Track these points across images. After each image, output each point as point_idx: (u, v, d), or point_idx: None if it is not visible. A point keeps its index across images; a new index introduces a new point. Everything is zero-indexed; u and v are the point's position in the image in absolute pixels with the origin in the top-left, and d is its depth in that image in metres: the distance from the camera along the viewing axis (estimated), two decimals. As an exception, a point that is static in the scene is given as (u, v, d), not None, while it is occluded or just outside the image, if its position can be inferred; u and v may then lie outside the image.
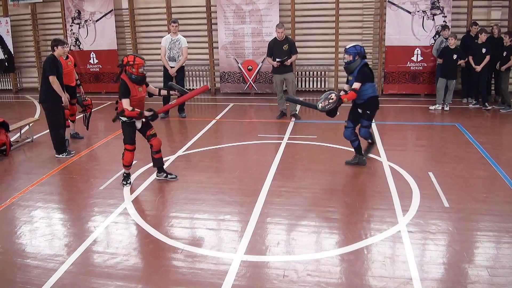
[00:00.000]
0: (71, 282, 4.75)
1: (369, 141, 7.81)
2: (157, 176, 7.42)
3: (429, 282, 4.49)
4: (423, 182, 6.91)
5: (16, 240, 5.72)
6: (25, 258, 5.28)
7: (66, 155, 8.71)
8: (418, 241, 5.25)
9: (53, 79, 8.32)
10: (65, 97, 8.55)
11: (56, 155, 8.70)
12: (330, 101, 7.10)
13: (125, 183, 7.18)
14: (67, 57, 9.38)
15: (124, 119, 6.83)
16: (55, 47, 8.53)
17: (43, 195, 7.08)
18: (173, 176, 7.40)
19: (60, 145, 8.75)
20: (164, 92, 7.24)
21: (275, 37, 10.97)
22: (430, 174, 7.20)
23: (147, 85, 7.00)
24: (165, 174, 7.39)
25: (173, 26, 11.16)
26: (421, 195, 6.45)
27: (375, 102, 7.50)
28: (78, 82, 9.82)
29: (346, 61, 7.37)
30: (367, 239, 5.31)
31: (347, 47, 7.31)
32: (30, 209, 6.64)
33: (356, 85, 7.22)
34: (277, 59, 10.64)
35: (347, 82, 7.55)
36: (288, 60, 10.67)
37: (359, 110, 7.53)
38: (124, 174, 7.27)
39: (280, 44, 10.80)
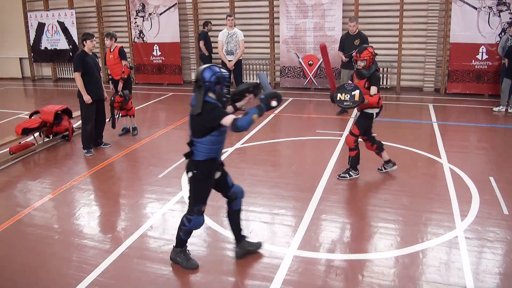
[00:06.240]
0: (126, 265, 4.92)
1: None
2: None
3: (484, 292, 4.36)
4: (483, 186, 6.67)
5: (74, 221, 6.00)
6: (82, 238, 5.51)
7: (86, 153, 8.49)
8: (474, 248, 5.09)
9: (76, 75, 8.20)
10: (86, 95, 8.24)
11: (83, 149, 8.63)
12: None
13: None
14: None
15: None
16: (84, 42, 8.33)
17: (102, 179, 7.38)
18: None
19: (85, 141, 8.55)
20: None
21: (348, 31, 10.86)
22: (491, 179, 6.94)
23: None
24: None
25: (229, 20, 11.26)
26: (480, 200, 6.23)
27: None
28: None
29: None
30: (423, 243, 5.21)
31: None
32: (89, 192, 6.94)
33: None
34: (345, 54, 10.51)
35: None
36: None
37: None
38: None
39: (352, 39, 10.68)
